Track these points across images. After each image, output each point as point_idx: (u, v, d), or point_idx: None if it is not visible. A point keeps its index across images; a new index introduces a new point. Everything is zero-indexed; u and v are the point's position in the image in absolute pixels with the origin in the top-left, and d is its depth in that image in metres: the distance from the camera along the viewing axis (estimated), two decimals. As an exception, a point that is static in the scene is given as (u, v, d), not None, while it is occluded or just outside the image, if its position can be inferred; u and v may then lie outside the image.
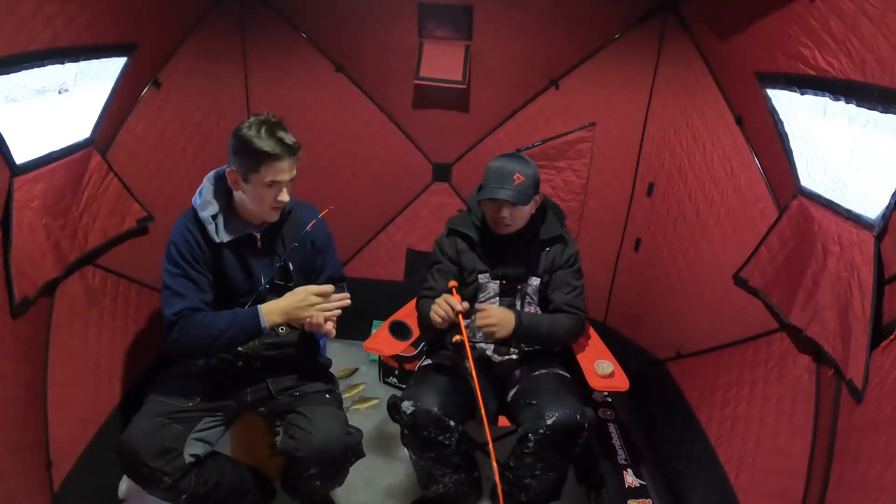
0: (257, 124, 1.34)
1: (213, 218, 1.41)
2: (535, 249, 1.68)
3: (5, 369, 1.24)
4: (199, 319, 1.37)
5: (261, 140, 1.31)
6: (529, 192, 1.56)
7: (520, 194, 1.54)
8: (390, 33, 2.11)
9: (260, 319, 1.38)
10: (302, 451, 1.39)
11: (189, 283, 1.39)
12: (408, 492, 1.86)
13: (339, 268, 1.68)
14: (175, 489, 1.36)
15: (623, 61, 2.06)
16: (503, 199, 1.53)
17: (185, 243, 1.40)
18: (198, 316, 1.37)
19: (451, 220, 1.76)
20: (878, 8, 1.02)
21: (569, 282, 1.67)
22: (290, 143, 1.35)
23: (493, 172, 1.57)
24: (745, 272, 1.60)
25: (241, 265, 1.47)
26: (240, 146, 1.34)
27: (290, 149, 1.35)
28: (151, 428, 1.35)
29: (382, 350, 1.79)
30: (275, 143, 1.32)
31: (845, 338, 1.15)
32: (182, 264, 1.39)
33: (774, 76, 1.40)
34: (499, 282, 1.68)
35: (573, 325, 1.65)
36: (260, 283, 1.48)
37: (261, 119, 1.36)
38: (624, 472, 1.76)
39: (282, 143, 1.33)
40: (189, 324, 1.36)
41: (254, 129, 1.33)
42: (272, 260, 1.51)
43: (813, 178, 1.33)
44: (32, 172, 1.30)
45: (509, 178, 1.54)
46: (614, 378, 1.69)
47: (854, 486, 1.04)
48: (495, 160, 1.60)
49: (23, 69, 1.19)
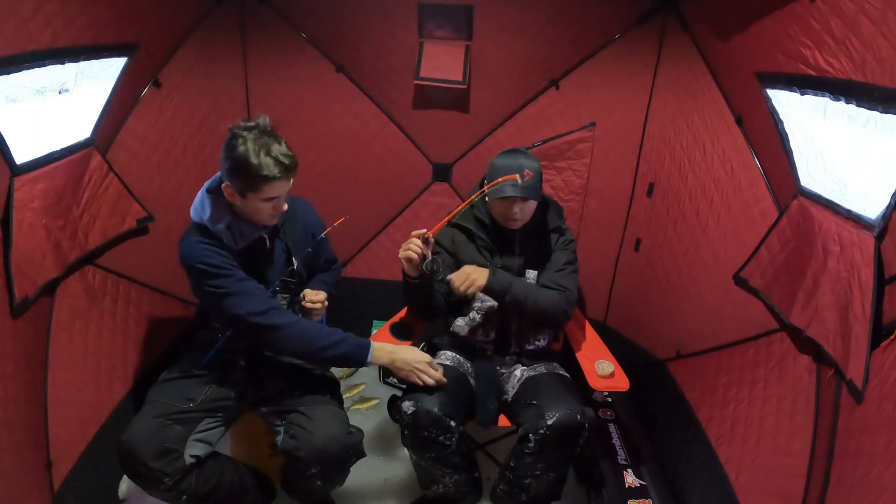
0: (253, 140, 1.29)
1: (229, 227, 1.39)
2: (534, 242, 1.69)
3: (5, 369, 1.24)
4: (309, 326, 1.42)
5: (258, 161, 1.28)
6: (538, 187, 1.58)
7: (532, 190, 1.55)
8: (390, 33, 2.10)
9: (368, 354, 1.43)
10: (303, 450, 1.39)
11: (250, 283, 1.40)
12: (408, 492, 1.86)
13: (332, 250, 1.80)
14: (175, 490, 1.36)
15: (623, 61, 2.06)
16: (519, 196, 1.54)
17: (215, 254, 1.37)
18: (307, 322, 1.43)
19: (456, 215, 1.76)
20: (878, 8, 1.02)
21: (558, 262, 1.68)
22: (288, 162, 1.32)
23: (501, 169, 1.56)
24: (746, 272, 1.60)
25: (254, 268, 1.48)
26: (236, 166, 1.30)
27: (287, 168, 1.33)
28: (152, 429, 1.34)
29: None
30: (272, 163, 1.29)
31: (845, 338, 1.15)
32: (227, 272, 1.37)
33: (774, 76, 1.40)
34: None
35: (558, 301, 1.62)
36: (270, 283, 1.50)
37: (255, 132, 1.31)
38: (624, 472, 1.76)
39: (279, 163, 1.30)
40: (296, 325, 1.40)
41: (249, 146, 1.28)
42: (277, 258, 1.54)
43: (813, 178, 1.33)
44: (32, 172, 1.30)
45: (520, 175, 1.54)
46: (614, 378, 1.69)
47: (854, 486, 1.04)
48: (500, 157, 1.61)
49: (23, 69, 1.19)
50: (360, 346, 1.44)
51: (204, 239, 1.39)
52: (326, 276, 1.78)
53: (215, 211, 1.39)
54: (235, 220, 1.41)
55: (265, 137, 1.31)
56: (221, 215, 1.39)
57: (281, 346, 1.41)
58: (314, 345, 1.40)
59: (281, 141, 1.34)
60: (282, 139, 1.35)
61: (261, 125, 1.33)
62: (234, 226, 1.40)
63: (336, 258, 1.83)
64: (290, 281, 1.55)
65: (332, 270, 1.81)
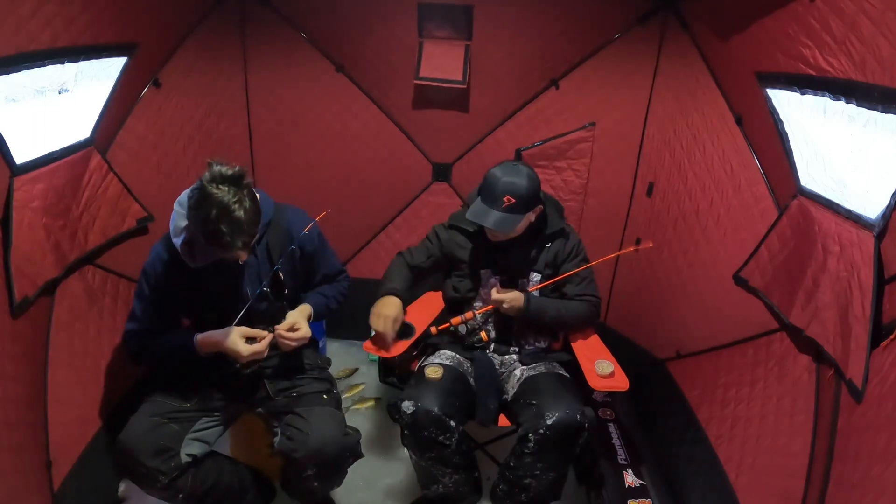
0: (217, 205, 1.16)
1: (188, 244, 1.34)
2: (536, 245, 1.70)
3: (5, 369, 1.24)
4: (145, 342, 1.46)
5: (207, 239, 1.21)
6: (518, 215, 1.56)
7: (504, 221, 1.54)
8: (390, 33, 2.10)
9: (195, 350, 1.42)
10: (299, 451, 1.39)
11: (146, 310, 1.44)
12: (408, 492, 1.86)
13: (335, 263, 1.68)
14: (172, 488, 1.36)
15: (623, 61, 2.06)
16: (487, 226, 1.56)
17: (153, 273, 1.42)
18: (144, 339, 1.46)
19: (453, 216, 1.81)
20: (878, 8, 1.02)
21: (578, 274, 1.71)
22: (246, 239, 1.23)
23: (485, 188, 1.57)
24: (745, 272, 1.60)
25: (223, 280, 1.44)
26: (195, 223, 1.22)
27: (245, 244, 1.25)
28: (148, 427, 1.35)
29: (382, 351, 1.79)
30: (221, 248, 1.22)
31: (845, 338, 1.15)
32: (145, 291, 1.43)
33: (774, 76, 1.40)
34: (499, 277, 1.69)
35: (587, 311, 1.73)
36: (248, 294, 1.45)
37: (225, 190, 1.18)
38: (624, 472, 1.76)
39: (229, 247, 1.22)
40: (137, 346, 1.47)
41: (213, 213, 1.17)
42: (258, 270, 1.48)
43: (813, 178, 1.32)
44: (32, 172, 1.30)
45: (499, 200, 1.54)
46: (614, 378, 1.68)
47: (854, 486, 1.04)
48: (493, 171, 1.58)
49: (23, 69, 1.19)
50: (186, 347, 1.42)
51: (163, 251, 1.42)
52: (329, 288, 1.66)
53: (179, 223, 1.36)
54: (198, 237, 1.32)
55: (232, 205, 1.18)
56: (182, 230, 1.36)
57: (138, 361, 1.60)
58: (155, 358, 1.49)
59: (246, 201, 1.21)
60: (247, 199, 1.21)
61: (235, 177, 1.21)
62: (197, 243, 1.34)
63: (342, 269, 1.70)
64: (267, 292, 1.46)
65: (339, 282, 1.69)
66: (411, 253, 1.80)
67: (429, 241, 1.80)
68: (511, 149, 2.25)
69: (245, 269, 1.46)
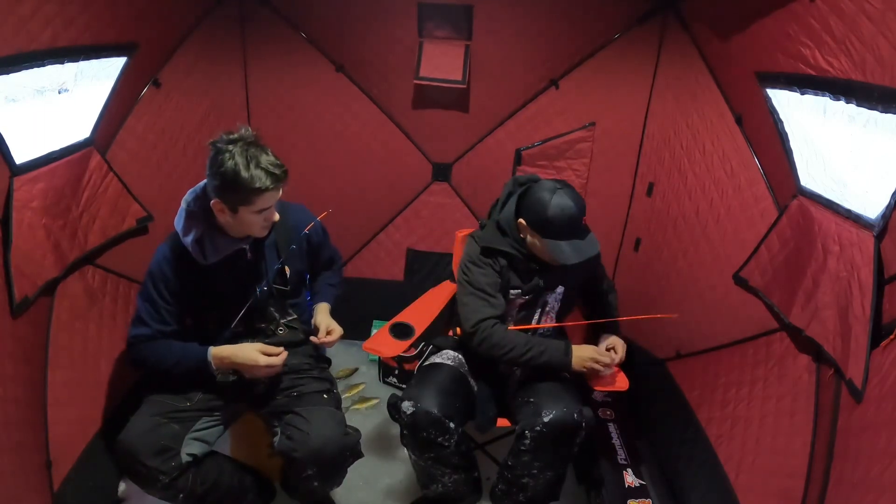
0: (240, 154, 1.25)
1: (199, 241, 1.37)
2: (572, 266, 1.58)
3: (5, 369, 1.24)
4: (154, 349, 1.43)
5: (248, 174, 1.25)
6: (593, 236, 1.58)
7: (593, 246, 1.55)
8: (390, 33, 2.11)
9: (209, 364, 1.41)
10: (299, 451, 1.39)
11: (154, 313, 1.42)
12: (408, 492, 1.86)
13: (335, 251, 1.76)
14: (172, 488, 1.36)
15: (623, 61, 2.06)
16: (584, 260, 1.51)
17: (160, 275, 1.41)
18: (154, 345, 1.43)
19: (483, 239, 1.63)
20: (878, 8, 1.02)
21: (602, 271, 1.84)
22: (279, 172, 1.30)
23: (569, 224, 1.49)
24: (745, 272, 1.60)
25: (232, 278, 1.46)
26: (225, 182, 1.27)
27: (278, 178, 1.30)
28: (148, 427, 1.35)
29: (382, 351, 1.79)
30: (264, 175, 1.27)
31: (845, 338, 1.15)
32: (153, 294, 1.42)
33: (774, 76, 1.40)
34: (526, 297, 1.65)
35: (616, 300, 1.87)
36: (254, 291, 1.47)
37: (240, 144, 1.27)
38: (624, 472, 1.76)
39: (270, 174, 1.28)
40: (144, 351, 1.43)
41: (238, 160, 1.25)
42: (265, 266, 1.49)
43: (813, 177, 1.33)
44: (32, 172, 1.30)
45: (585, 229, 1.54)
46: (614, 378, 1.69)
47: (854, 486, 1.04)
48: (560, 203, 1.49)
49: (23, 69, 1.19)
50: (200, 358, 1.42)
51: (169, 253, 1.41)
52: (331, 276, 1.74)
53: (186, 223, 1.37)
54: (209, 233, 1.38)
55: (252, 149, 1.28)
56: (191, 228, 1.37)
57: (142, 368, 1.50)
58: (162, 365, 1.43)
59: (268, 150, 1.31)
60: (268, 148, 1.31)
61: (245, 137, 1.29)
62: (207, 239, 1.37)
63: (338, 255, 1.79)
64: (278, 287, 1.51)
65: (335, 270, 1.78)
66: (493, 306, 1.56)
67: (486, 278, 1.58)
68: (511, 149, 2.25)
69: (254, 266, 1.48)
